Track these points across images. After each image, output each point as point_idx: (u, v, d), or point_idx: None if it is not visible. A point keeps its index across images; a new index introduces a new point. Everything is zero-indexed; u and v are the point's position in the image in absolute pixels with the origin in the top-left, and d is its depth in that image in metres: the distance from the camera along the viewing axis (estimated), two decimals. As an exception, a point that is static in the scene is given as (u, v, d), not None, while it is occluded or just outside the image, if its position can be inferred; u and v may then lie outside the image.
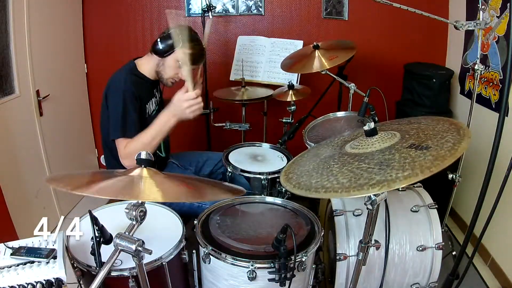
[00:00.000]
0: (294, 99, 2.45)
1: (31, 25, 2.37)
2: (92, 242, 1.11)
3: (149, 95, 1.87)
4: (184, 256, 1.37)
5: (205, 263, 1.33)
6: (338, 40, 2.51)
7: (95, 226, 1.11)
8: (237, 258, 1.25)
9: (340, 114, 2.24)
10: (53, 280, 1.11)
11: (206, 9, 2.61)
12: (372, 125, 1.09)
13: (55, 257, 1.17)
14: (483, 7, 1.83)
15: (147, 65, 1.85)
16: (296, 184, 1.07)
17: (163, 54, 1.77)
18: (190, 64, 1.74)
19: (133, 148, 1.64)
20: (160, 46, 1.75)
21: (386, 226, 1.56)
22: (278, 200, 1.61)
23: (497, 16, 2.22)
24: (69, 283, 1.16)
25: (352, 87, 2.19)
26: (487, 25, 2.20)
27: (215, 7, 2.86)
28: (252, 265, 1.22)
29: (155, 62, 1.82)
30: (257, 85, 2.77)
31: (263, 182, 1.82)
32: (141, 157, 1.14)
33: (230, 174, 1.90)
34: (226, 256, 1.26)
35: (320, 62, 2.22)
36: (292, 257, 1.20)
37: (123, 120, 1.67)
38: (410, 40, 2.98)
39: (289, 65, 2.40)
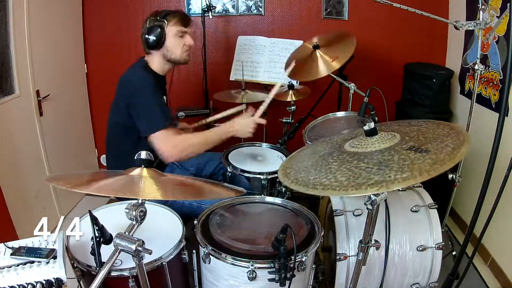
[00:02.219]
0: (294, 99, 2.45)
1: (31, 25, 2.37)
2: (92, 242, 1.11)
3: (162, 92, 1.89)
4: (184, 256, 1.37)
5: (205, 263, 1.33)
6: (335, 32, 2.45)
7: (95, 226, 1.11)
8: (237, 258, 1.25)
9: (340, 114, 2.24)
10: (53, 280, 1.11)
11: (206, 9, 2.61)
12: (372, 125, 1.10)
13: (55, 257, 1.17)
14: (483, 7, 1.83)
15: (154, 63, 1.86)
16: (294, 179, 1.07)
17: (160, 42, 1.78)
18: (183, 27, 1.81)
19: (180, 143, 1.70)
20: (153, 38, 1.76)
21: (386, 226, 1.56)
22: (278, 200, 1.61)
23: (497, 16, 2.22)
24: (69, 278, 1.16)
25: (352, 87, 2.19)
26: (487, 25, 2.20)
27: (215, 7, 2.86)
28: (252, 265, 1.22)
29: (159, 55, 1.83)
30: (257, 87, 2.76)
31: (263, 182, 1.82)
32: (141, 157, 1.14)
33: (230, 174, 1.90)
34: (226, 256, 1.26)
35: (325, 64, 2.15)
36: (292, 257, 1.20)
37: (162, 112, 1.69)
38: (410, 40, 2.98)
39: (294, 71, 2.29)
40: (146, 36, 1.76)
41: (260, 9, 3.00)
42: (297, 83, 2.70)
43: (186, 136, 1.76)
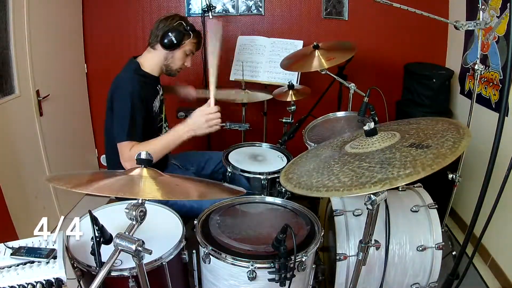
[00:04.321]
0: (294, 99, 2.45)
1: (31, 25, 2.37)
2: (92, 242, 1.11)
3: (154, 94, 1.88)
4: (184, 256, 1.37)
5: (205, 263, 1.33)
6: (338, 40, 2.51)
7: (95, 226, 1.11)
8: (237, 258, 1.25)
9: (340, 114, 2.24)
10: (53, 280, 1.11)
11: (206, 9, 2.61)
12: (372, 125, 1.10)
13: (55, 257, 1.17)
14: (483, 7, 1.83)
15: (150, 62, 1.84)
16: (296, 184, 1.07)
17: (175, 47, 1.78)
18: (195, 50, 1.88)
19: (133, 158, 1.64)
20: (173, 39, 1.76)
21: (386, 226, 1.56)
22: (278, 200, 1.61)
23: (497, 16, 2.22)
24: (69, 278, 1.16)
25: (352, 87, 2.19)
26: (487, 25, 2.20)
27: (215, 7, 2.86)
28: (252, 265, 1.22)
29: (162, 56, 1.82)
30: (257, 87, 2.76)
31: (263, 182, 1.82)
32: (141, 157, 1.14)
33: (230, 174, 1.90)
34: (226, 256, 1.26)
35: (319, 62, 2.22)
36: (292, 257, 1.20)
37: (130, 123, 1.67)
38: (410, 40, 2.98)
39: (288, 64, 2.40)
40: (169, 33, 1.76)
41: (260, 9, 3.00)
42: (297, 82, 2.70)
43: (143, 149, 1.69)
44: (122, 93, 1.70)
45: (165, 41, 1.76)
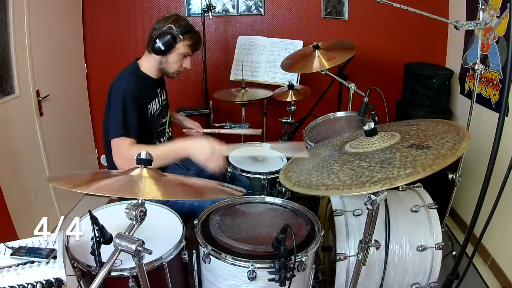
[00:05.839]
0: (294, 99, 2.45)
1: (31, 25, 2.37)
2: (92, 242, 1.11)
3: (152, 95, 1.86)
4: (184, 256, 1.37)
5: (205, 263, 1.33)
6: (338, 40, 2.51)
7: (95, 226, 1.11)
8: (237, 258, 1.25)
9: (340, 114, 2.24)
10: (53, 280, 1.11)
11: (206, 9, 2.62)
12: (372, 125, 1.10)
13: (55, 257, 1.17)
14: (483, 7, 1.83)
15: (148, 64, 1.84)
16: (296, 182, 1.07)
17: (165, 52, 1.76)
18: (191, 52, 1.79)
19: (131, 157, 1.58)
20: (161, 45, 1.72)
21: (386, 226, 1.56)
22: (278, 200, 1.61)
23: (497, 16, 2.22)
24: (69, 275, 1.15)
25: (352, 87, 2.19)
26: (487, 25, 2.20)
27: (215, 7, 2.86)
28: (252, 265, 1.22)
29: (156, 60, 1.81)
30: (257, 86, 2.77)
31: (263, 182, 1.82)
32: (141, 157, 1.14)
33: (230, 174, 1.90)
34: (226, 256, 1.26)
35: (320, 62, 2.22)
36: (292, 257, 1.20)
37: (123, 120, 1.66)
38: (410, 40, 2.98)
39: (289, 65, 2.40)
40: (156, 40, 1.72)
41: (260, 9, 3.00)
42: (297, 82, 2.70)
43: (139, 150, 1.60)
44: (116, 91, 1.71)
45: (154, 47, 1.73)
